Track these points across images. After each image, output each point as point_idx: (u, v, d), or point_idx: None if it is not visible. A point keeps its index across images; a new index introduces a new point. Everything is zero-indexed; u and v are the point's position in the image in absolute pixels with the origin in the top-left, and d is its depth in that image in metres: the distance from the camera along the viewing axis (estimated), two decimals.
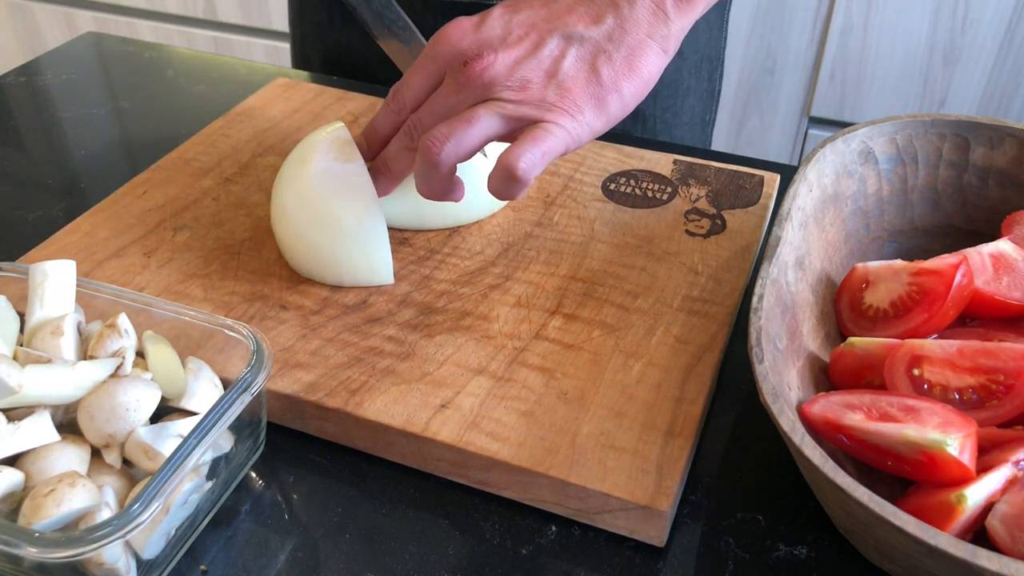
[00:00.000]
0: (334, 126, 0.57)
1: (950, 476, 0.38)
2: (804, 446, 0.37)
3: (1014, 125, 0.54)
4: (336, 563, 0.43)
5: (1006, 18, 1.34)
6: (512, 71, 0.49)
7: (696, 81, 0.84)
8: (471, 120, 0.48)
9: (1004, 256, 0.50)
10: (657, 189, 0.65)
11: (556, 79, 0.49)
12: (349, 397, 0.48)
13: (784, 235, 0.48)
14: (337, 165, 0.55)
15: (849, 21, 1.41)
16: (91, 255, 0.58)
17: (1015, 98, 1.42)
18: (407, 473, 0.48)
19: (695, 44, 0.82)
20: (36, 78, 0.85)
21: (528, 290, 0.55)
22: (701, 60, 0.84)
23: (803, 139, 1.57)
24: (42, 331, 0.44)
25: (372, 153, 0.56)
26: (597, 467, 0.44)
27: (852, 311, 0.51)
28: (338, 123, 0.58)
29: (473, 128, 0.48)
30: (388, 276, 0.56)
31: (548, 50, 0.49)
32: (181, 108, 0.80)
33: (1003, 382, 0.42)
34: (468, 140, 0.49)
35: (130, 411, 0.40)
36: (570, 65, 0.49)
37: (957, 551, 0.33)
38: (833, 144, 0.54)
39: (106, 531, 0.35)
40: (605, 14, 0.50)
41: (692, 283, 0.56)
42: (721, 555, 0.44)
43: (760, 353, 0.42)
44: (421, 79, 0.52)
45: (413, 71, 0.53)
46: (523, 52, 0.49)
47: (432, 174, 0.50)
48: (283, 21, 1.81)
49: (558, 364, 0.50)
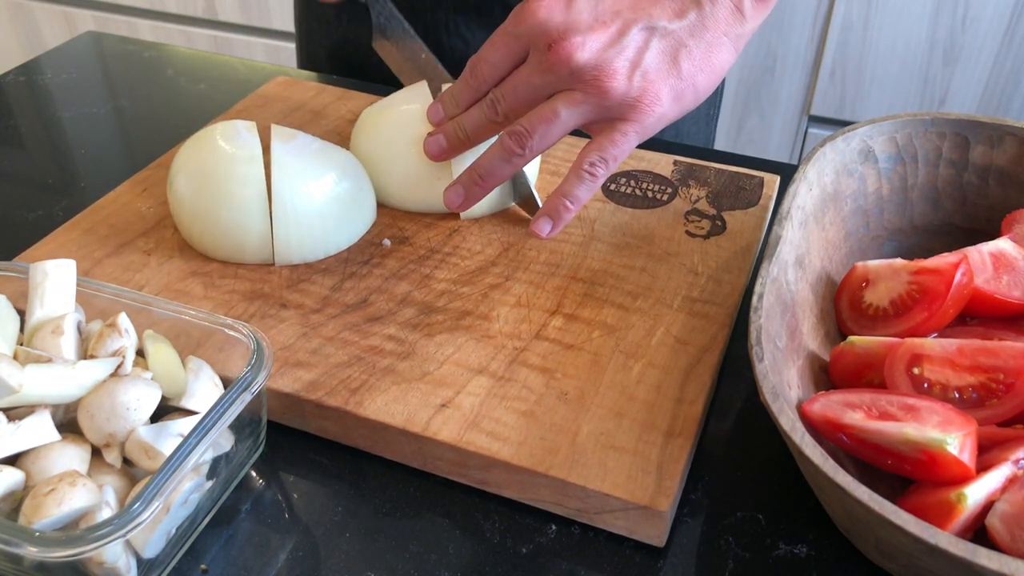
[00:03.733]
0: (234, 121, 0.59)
1: (950, 475, 0.38)
2: (804, 445, 0.37)
3: (1014, 124, 0.54)
4: (336, 562, 0.43)
5: (1006, 17, 1.34)
6: (598, 57, 0.50)
7: None
8: (552, 118, 0.50)
9: (1004, 255, 0.50)
10: (657, 190, 0.65)
11: (640, 69, 0.50)
12: (349, 396, 0.48)
13: (784, 234, 0.48)
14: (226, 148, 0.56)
15: (849, 20, 1.41)
16: (91, 253, 0.58)
17: (1015, 97, 1.42)
18: (407, 472, 0.48)
19: None
20: (36, 78, 0.85)
21: (528, 290, 0.55)
22: None
23: (803, 138, 1.57)
24: (42, 330, 0.44)
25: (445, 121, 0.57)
26: (597, 467, 0.44)
27: (852, 310, 0.51)
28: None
29: (554, 125, 0.51)
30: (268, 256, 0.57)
31: (633, 39, 0.50)
32: (181, 107, 0.80)
33: (1003, 381, 0.42)
34: (550, 136, 0.51)
35: (130, 410, 0.41)
36: (653, 57, 0.50)
37: (957, 550, 0.33)
38: (833, 143, 0.54)
39: (106, 530, 0.35)
40: (688, 9, 0.51)
41: (692, 284, 0.56)
42: (721, 554, 0.44)
43: (760, 352, 0.42)
44: (502, 56, 0.53)
45: (492, 47, 0.53)
46: (609, 39, 0.50)
47: (508, 167, 0.53)
48: (283, 21, 1.81)
49: (558, 364, 0.50)
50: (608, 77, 0.49)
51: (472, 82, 0.54)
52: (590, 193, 0.54)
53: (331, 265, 0.57)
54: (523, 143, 0.51)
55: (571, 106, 0.50)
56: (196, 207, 0.56)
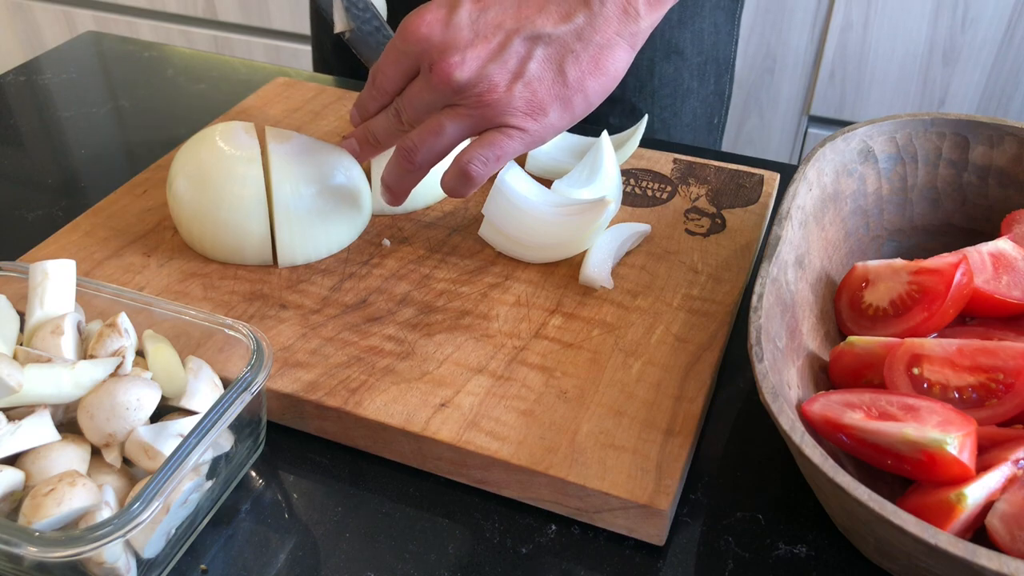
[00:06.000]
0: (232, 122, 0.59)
1: (950, 475, 0.38)
2: (804, 445, 0.38)
3: (1014, 124, 0.54)
4: (336, 562, 0.43)
5: (1006, 17, 1.34)
6: (478, 74, 0.50)
7: (699, 83, 0.84)
8: (438, 131, 0.52)
9: (1004, 255, 0.50)
10: (657, 188, 0.65)
11: (522, 80, 0.50)
12: (349, 396, 0.48)
13: (784, 234, 0.48)
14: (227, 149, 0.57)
15: (849, 20, 1.41)
16: (91, 255, 0.58)
17: (1015, 97, 1.42)
18: (407, 472, 0.48)
19: (699, 46, 0.82)
20: (36, 77, 0.85)
21: (528, 289, 0.55)
22: (706, 62, 0.83)
23: (803, 138, 1.57)
24: (42, 330, 0.44)
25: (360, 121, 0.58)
26: (597, 466, 0.44)
27: (852, 310, 0.51)
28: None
29: (441, 138, 0.52)
30: (267, 257, 0.57)
31: (515, 51, 0.50)
32: (181, 108, 0.80)
33: (1003, 381, 0.42)
34: (438, 147, 0.52)
35: (130, 410, 0.41)
36: (536, 66, 0.50)
37: (957, 550, 0.33)
38: (833, 143, 0.54)
39: (106, 530, 0.35)
40: (576, 12, 0.50)
41: (692, 282, 0.56)
42: (721, 554, 0.44)
43: (760, 352, 0.42)
44: (395, 70, 0.53)
45: (387, 61, 0.53)
46: (488, 54, 0.50)
47: (407, 178, 0.55)
48: (283, 21, 1.81)
49: (558, 363, 0.50)
50: (489, 92, 0.50)
51: (374, 91, 0.55)
52: (466, 190, 0.54)
53: (331, 265, 0.57)
54: (412, 158, 0.53)
55: (456, 120, 0.51)
56: (195, 208, 0.56)
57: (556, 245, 0.57)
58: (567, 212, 0.57)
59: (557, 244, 0.57)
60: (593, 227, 0.56)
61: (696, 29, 0.81)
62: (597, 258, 0.56)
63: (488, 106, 0.50)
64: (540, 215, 0.56)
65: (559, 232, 0.56)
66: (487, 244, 0.59)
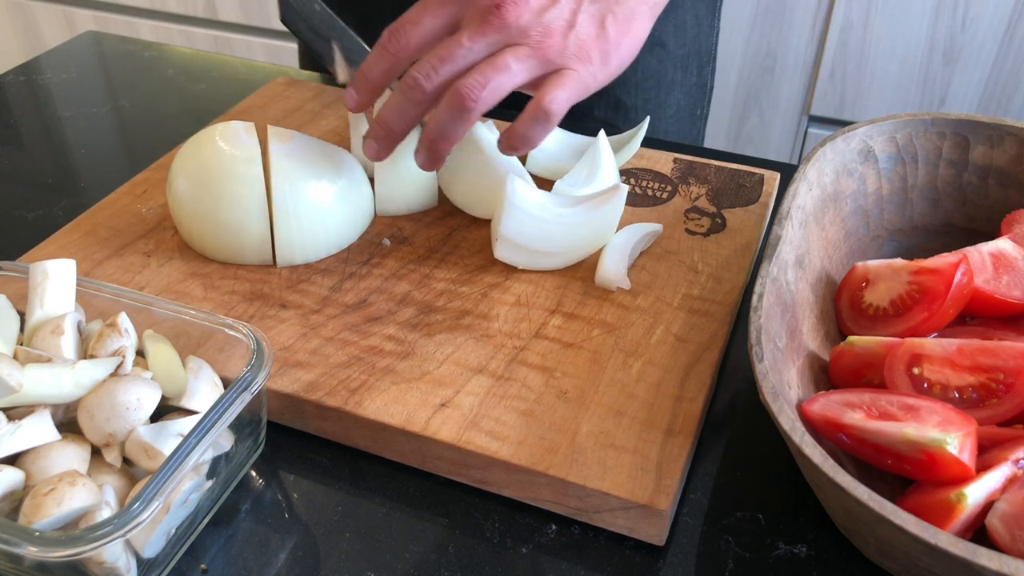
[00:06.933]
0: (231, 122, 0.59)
1: (950, 475, 0.38)
2: (804, 445, 0.38)
3: (1014, 124, 0.54)
4: (336, 562, 0.43)
5: (1006, 17, 1.34)
6: (539, 19, 0.52)
7: (683, 75, 0.85)
8: (503, 67, 0.51)
9: (1004, 255, 0.50)
10: (657, 187, 0.65)
11: (574, 30, 0.53)
12: (349, 396, 0.48)
13: (784, 234, 0.48)
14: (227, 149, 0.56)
15: (849, 20, 1.41)
16: (91, 255, 0.58)
17: (1015, 97, 1.42)
18: (407, 472, 0.48)
19: (681, 38, 0.83)
20: (36, 77, 0.85)
21: (528, 289, 0.55)
22: (688, 55, 0.84)
23: (803, 138, 1.57)
24: (42, 330, 0.44)
25: (363, 103, 0.56)
26: (597, 466, 0.44)
27: (852, 310, 0.51)
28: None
29: (506, 75, 0.51)
30: (267, 257, 0.57)
31: (567, 3, 0.53)
32: (181, 107, 0.80)
33: (1003, 381, 0.42)
34: (502, 87, 0.51)
35: (130, 410, 0.41)
36: (585, 19, 0.53)
37: (957, 550, 0.33)
38: (833, 143, 0.54)
39: (106, 530, 0.35)
40: None
41: (692, 281, 0.56)
42: (721, 554, 0.44)
43: (760, 352, 0.42)
44: (433, 19, 0.53)
45: (422, 11, 0.53)
46: (547, 2, 0.53)
47: (461, 124, 0.52)
48: None
49: (558, 363, 0.50)
50: (547, 35, 0.52)
51: (392, 48, 0.53)
52: (544, 131, 0.53)
53: (331, 265, 0.57)
54: (475, 95, 0.50)
55: (520, 60, 0.52)
56: (196, 208, 0.56)
57: (582, 245, 0.57)
58: (586, 208, 0.57)
59: (583, 243, 0.57)
60: (616, 216, 0.57)
61: (679, 21, 0.82)
62: (612, 259, 0.56)
63: (549, 48, 0.52)
64: (562, 219, 0.56)
65: (584, 230, 0.56)
66: (487, 244, 0.59)
